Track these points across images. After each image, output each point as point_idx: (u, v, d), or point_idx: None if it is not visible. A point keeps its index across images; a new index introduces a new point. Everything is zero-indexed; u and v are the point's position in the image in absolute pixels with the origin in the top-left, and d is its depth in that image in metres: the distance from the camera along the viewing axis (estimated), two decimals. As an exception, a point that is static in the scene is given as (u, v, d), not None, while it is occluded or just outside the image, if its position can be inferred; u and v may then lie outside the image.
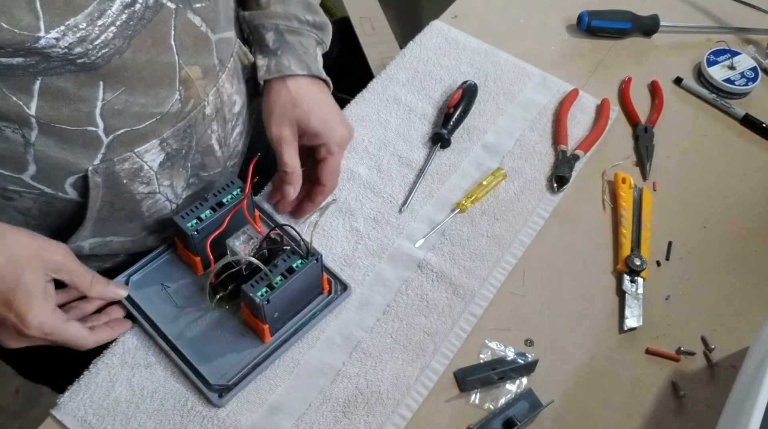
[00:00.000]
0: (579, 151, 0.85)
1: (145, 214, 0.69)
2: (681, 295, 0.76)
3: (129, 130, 0.60)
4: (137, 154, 0.62)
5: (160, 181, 0.67)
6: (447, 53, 0.95)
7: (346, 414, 0.66)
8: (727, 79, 0.94)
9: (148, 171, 0.64)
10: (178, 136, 0.65)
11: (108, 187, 0.62)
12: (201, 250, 0.68)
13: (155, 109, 0.61)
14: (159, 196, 0.68)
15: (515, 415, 0.66)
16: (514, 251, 0.77)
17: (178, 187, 0.69)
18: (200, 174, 0.71)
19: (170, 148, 0.65)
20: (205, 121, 0.67)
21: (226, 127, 0.71)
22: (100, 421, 0.64)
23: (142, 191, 0.66)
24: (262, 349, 0.67)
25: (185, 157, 0.67)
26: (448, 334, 0.71)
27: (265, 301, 0.62)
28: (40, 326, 0.58)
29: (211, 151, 0.70)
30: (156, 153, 0.64)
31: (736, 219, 0.83)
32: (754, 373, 0.63)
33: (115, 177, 0.62)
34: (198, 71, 0.63)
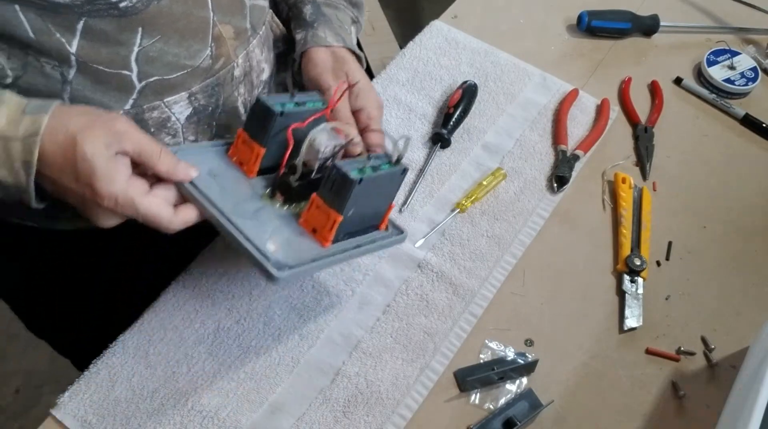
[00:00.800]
0: (579, 151, 0.85)
1: None
2: (681, 295, 0.76)
3: (160, 79, 0.62)
4: (166, 104, 0.64)
5: (186, 136, 0.68)
6: (447, 53, 0.95)
7: (346, 414, 0.66)
8: (727, 79, 0.94)
9: (174, 122, 0.66)
10: (206, 92, 0.67)
11: None
12: (273, 140, 0.62)
13: (187, 61, 0.63)
14: None
15: (515, 415, 0.66)
16: (514, 251, 0.77)
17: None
18: (225, 135, 0.73)
19: (198, 103, 0.67)
20: (233, 82, 0.69)
21: (253, 92, 0.74)
22: (101, 420, 0.64)
23: (168, 143, 0.67)
24: (321, 252, 0.59)
25: (211, 114, 0.69)
26: (448, 334, 0.71)
27: (358, 181, 0.56)
28: (113, 196, 0.54)
29: (237, 113, 0.72)
30: (184, 106, 0.66)
31: (736, 219, 0.83)
32: (754, 373, 0.63)
33: (144, 124, 0.64)
34: (230, 31, 0.66)
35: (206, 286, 0.72)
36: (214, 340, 0.69)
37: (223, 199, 0.59)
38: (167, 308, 0.71)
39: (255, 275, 0.73)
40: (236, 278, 0.73)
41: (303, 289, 0.73)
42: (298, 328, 0.70)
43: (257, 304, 0.72)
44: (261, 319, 0.71)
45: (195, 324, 0.70)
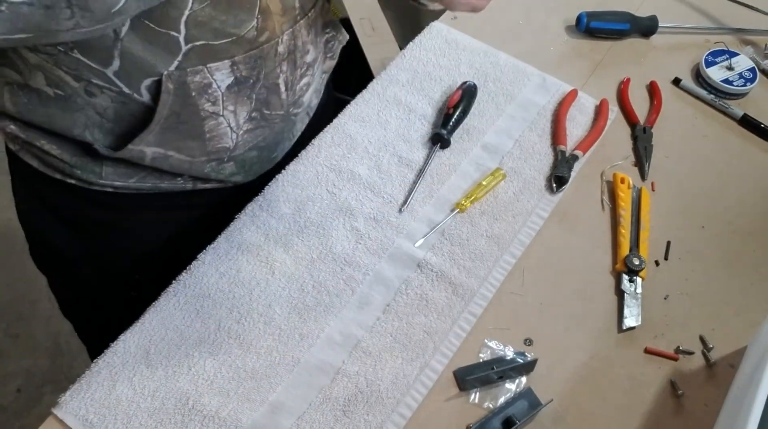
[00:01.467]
0: (578, 152, 0.86)
1: (206, 136, 0.71)
2: (679, 294, 0.77)
3: (206, 44, 0.63)
4: (209, 70, 0.65)
5: (225, 104, 0.69)
6: (447, 54, 0.95)
7: (346, 413, 0.66)
8: (726, 80, 0.94)
9: (215, 90, 0.67)
10: (248, 64, 0.68)
11: (178, 95, 0.65)
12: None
13: (233, 29, 0.64)
14: (222, 120, 0.71)
15: (514, 414, 0.66)
16: (513, 251, 0.78)
17: (241, 117, 0.72)
18: (263, 110, 0.74)
19: (239, 73, 0.68)
20: (276, 57, 0.70)
21: (295, 72, 0.75)
22: (102, 420, 0.64)
23: (207, 109, 0.69)
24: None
25: (252, 87, 0.70)
26: (447, 333, 0.71)
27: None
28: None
29: (277, 90, 0.73)
30: (226, 73, 0.67)
31: (734, 219, 0.83)
32: (752, 372, 0.63)
33: (186, 88, 0.65)
34: (278, 5, 0.67)
35: (207, 286, 0.73)
36: (214, 340, 0.69)
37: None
38: (168, 308, 0.71)
39: (256, 275, 0.74)
40: (237, 278, 0.74)
41: (303, 289, 0.73)
42: (298, 327, 0.71)
43: (258, 304, 0.72)
44: (261, 319, 0.71)
45: (196, 323, 0.70)
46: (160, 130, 0.68)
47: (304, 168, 0.82)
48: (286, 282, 0.74)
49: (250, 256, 0.75)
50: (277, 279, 0.74)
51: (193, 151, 0.73)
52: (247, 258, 0.75)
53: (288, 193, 0.80)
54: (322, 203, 0.80)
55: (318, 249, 0.76)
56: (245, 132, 0.74)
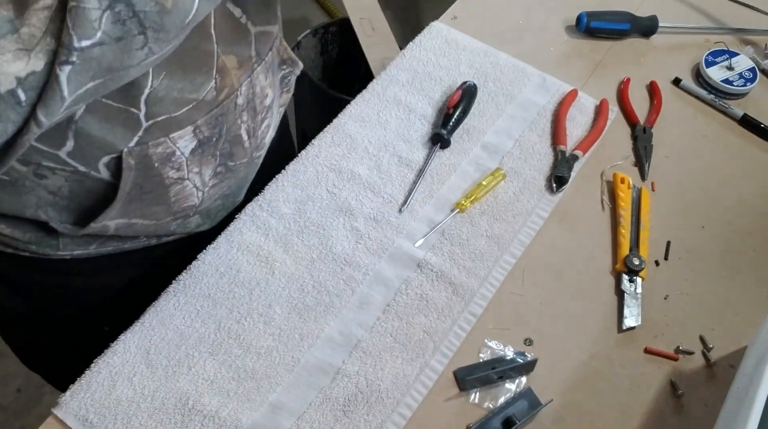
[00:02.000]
0: (578, 152, 0.86)
1: (172, 200, 0.69)
2: (680, 294, 0.77)
3: (167, 117, 0.61)
4: (171, 140, 0.63)
5: (190, 168, 0.67)
6: (447, 54, 0.95)
7: (346, 413, 0.66)
8: (726, 80, 0.94)
9: (179, 157, 0.65)
10: (210, 124, 0.65)
11: (140, 169, 0.62)
12: None
13: (191, 95, 0.62)
14: (187, 183, 0.68)
15: (514, 414, 0.66)
16: (513, 251, 0.78)
17: (206, 175, 0.70)
18: (227, 163, 0.72)
19: (202, 135, 0.65)
20: (236, 110, 0.68)
21: (256, 118, 0.72)
22: (102, 420, 0.64)
23: (172, 176, 0.66)
24: None
25: (215, 145, 0.68)
26: (447, 333, 0.71)
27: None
28: None
29: (240, 140, 0.71)
30: (189, 139, 0.64)
31: (734, 219, 0.83)
32: (752, 372, 0.63)
33: (148, 160, 0.62)
34: (234, 61, 0.64)
35: (207, 286, 0.73)
36: (214, 340, 0.69)
37: None
38: (168, 308, 0.71)
39: (256, 275, 0.74)
40: (237, 278, 0.74)
41: (303, 289, 0.73)
42: (298, 327, 0.71)
43: (257, 304, 0.72)
44: (261, 319, 0.71)
45: (196, 324, 0.70)
46: (122, 204, 0.65)
47: (304, 168, 0.82)
48: (286, 282, 0.74)
49: (250, 256, 0.75)
50: (277, 279, 0.74)
51: (158, 214, 0.70)
52: (247, 258, 0.75)
53: (288, 193, 0.80)
54: (322, 203, 0.80)
55: (318, 249, 0.76)
56: (211, 188, 0.72)
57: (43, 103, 0.45)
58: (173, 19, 0.47)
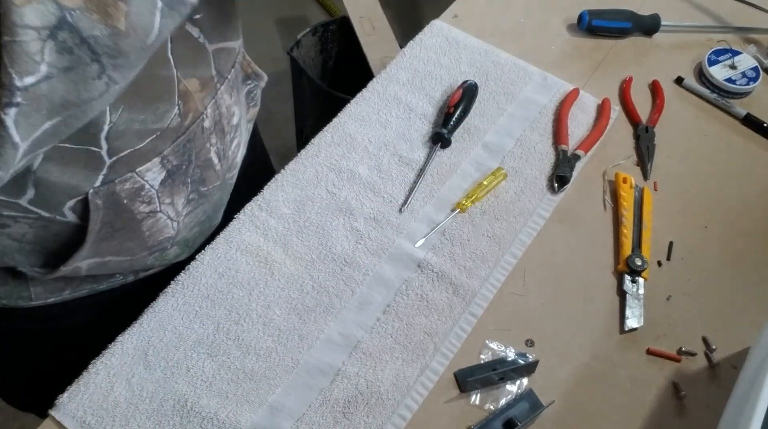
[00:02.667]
0: (580, 151, 0.85)
1: (146, 234, 0.66)
2: (682, 295, 0.76)
3: (131, 151, 0.57)
4: (138, 174, 0.59)
5: (162, 200, 0.64)
6: (447, 53, 0.95)
7: (345, 414, 0.65)
8: (729, 79, 0.94)
9: (149, 190, 0.61)
10: (177, 152, 0.62)
11: (108, 208, 0.59)
12: None
13: (155, 124, 0.58)
14: (160, 215, 0.65)
15: (516, 416, 0.66)
16: (514, 251, 0.77)
17: (179, 205, 0.67)
18: (200, 189, 0.69)
19: (171, 164, 0.62)
20: (204, 134, 0.64)
21: (224, 139, 0.69)
22: (99, 421, 0.64)
23: (143, 211, 0.63)
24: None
25: (185, 172, 0.64)
26: (448, 334, 0.71)
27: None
28: None
29: (210, 164, 0.68)
30: (157, 171, 0.61)
31: (737, 219, 0.83)
32: (755, 373, 0.62)
33: (116, 198, 0.59)
34: (196, 84, 0.61)
35: (205, 287, 0.72)
36: (213, 341, 0.69)
37: None
38: (166, 309, 0.71)
39: (255, 276, 0.73)
40: (236, 279, 0.73)
41: (303, 290, 0.73)
42: (297, 328, 0.70)
43: (256, 305, 0.71)
44: (260, 320, 0.71)
45: (194, 325, 0.70)
46: (93, 243, 0.61)
47: (303, 168, 0.82)
48: (286, 283, 0.73)
49: (249, 256, 0.75)
50: (276, 279, 0.73)
51: (133, 250, 0.67)
52: (246, 258, 0.74)
53: (288, 193, 0.80)
54: (321, 203, 0.79)
55: (318, 249, 0.76)
56: (185, 216, 0.69)
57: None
58: (131, 41, 0.42)
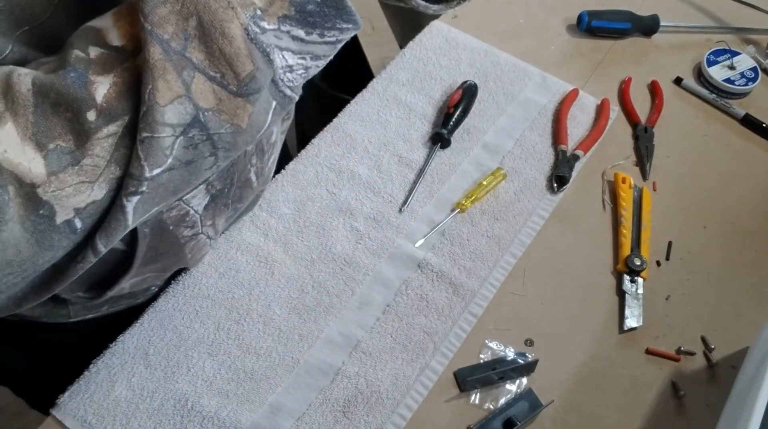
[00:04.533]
0: (579, 151, 0.85)
1: (188, 256, 0.68)
2: (681, 295, 0.76)
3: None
4: (185, 202, 0.61)
5: (204, 223, 0.65)
6: (447, 53, 0.95)
7: (345, 414, 0.66)
8: (727, 79, 0.94)
9: (193, 215, 0.63)
10: (221, 177, 0.64)
11: (155, 235, 0.61)
12: None
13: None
14: (201, 236, 0.67)
15: (515, 415, 0.66)
16: (514, 251, 0.77)
17: (219, 225, 0.69)
18: (237, 206, 0.70)
19: (214, 189, 0.63)
20: (246, 156, 0.66)
21: (263, 158, 0.70)
22: (100, 421, 0.64)
23: (187, 235, 0.64)
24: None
25: (227, 195, 0.66)
26: (448, 333, 0.71)
27: None
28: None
29: (249, 184, 0.69)
30: (201, 197, 0.62)
31: (736, 219, 0.83)
32: (754, 373, 0.63)
33: (163, 225, 0.60)
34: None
35: (206, 287, 0.72)
36: (213, 341, 0.69)
37: None
38: (167, 308, 0.71)
39: (255, 275, 0.73)
40: (236, 279, 0.73)
41: (303, 289, 0.73)
42: (297, 328, 0.70)
43: (257, 305, 0.72)
44: (261, 320, 0.71)
45: (195, 324, 0.70)
46: (138, 268, 0.63)
47: (303, 168, 0.82)
48: (286, 282, 0.73)
49: (250, 256, 0.75)
50: (276, 279, 0.73)
51: (172, 268, 0.69)
52: (246, 258, 0.75)
53: (288, 193, 0.80)
54: (321, 203, 0.79)
55: (318, 249, 0.76)
56: (222, 233, 0.71)
57: (104, 233, 0.43)
58: (246, 137, 0.46)
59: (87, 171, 0.41)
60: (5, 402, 1.58)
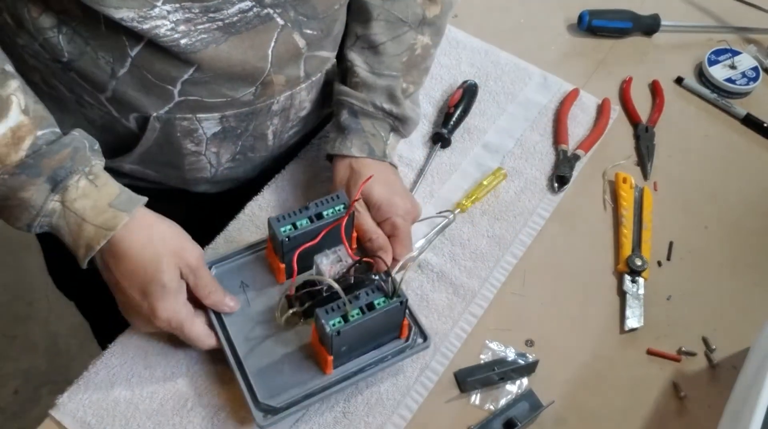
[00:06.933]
0: (580, 151, 0.85)
1: (186, 168, 0.72)
2: (682, 295, 0.76)
3: (199, 100, 0.65)
4: (197, 119, 0.66)
5: (209, 147, 0.70)
6: (447, 53, 0.95)
7: (345, 414, 0.65)
8: (729, 79, 0.94)
9: (201, 134, 0.68)
10: (238, 118, 0.68)
11: (163, 133, 0.67)
12: (288, 259, 0.65)
13: (229, 92, 0.65)
14: (202, 158, 0.72)
15: (516, 416, 0.66)
16: (514, 251, 0.77)
17: (223, 158, 0.73)
18: (247, 154, 0.74)
19: (228, 123, 0.68)
20: (268, 113, 0.71)
21: (286, 125, 0.75)
22: (100, 421, 0.64)
23: (190, 148, 0.70)
24: (320, 381, 0.62)
25: (239, 136, 0.71)
26: (448, 334, 0.71)
27: (336, 333, 0.58)
28: (168, 320, 0.60)
29: (264, 138, 0.74)
30: (214, 123, 0.68)
31: (737, 219, 0.83)
32: (755, 373, 0.62)
33: (172, 129, 0.67)
34: (282, 79, 0.68)
35: (206, 287, 0.72)
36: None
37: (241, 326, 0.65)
38: (166, 308, 0.70)
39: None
40: (236, 278, 0.73)
41: (303, 290, 0.73)
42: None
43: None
44: (261, 320, 0.70)
45: (194, 324, 0.70)
46: (140, 155, 0.69)
47: (303, 168, 0.82)
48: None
49: (250, 256, 0.74)
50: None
51: (170, 176, 0.74)
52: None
53: (288, 193, 0.80)
54: (321, 203, 0.79)
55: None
56: (226, 168, 0.75)
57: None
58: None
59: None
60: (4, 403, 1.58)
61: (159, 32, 0.57)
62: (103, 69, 0.61)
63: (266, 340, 0.65)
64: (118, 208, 0.59)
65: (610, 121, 0.89)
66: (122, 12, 0.55)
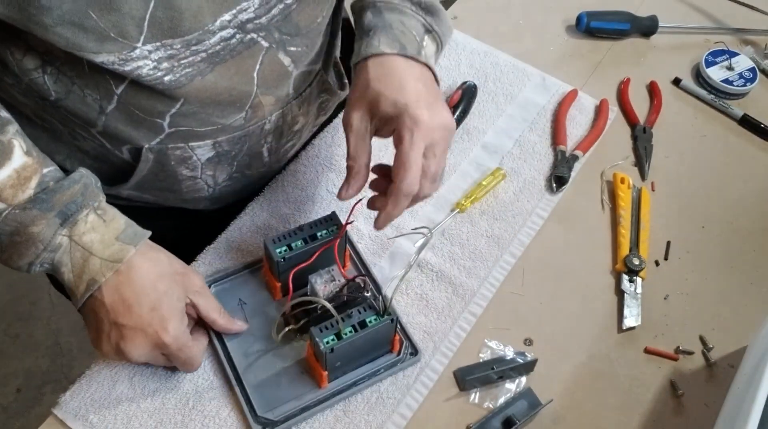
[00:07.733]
0: (578, 152, 0.86)
1: (183, 191, 0.73)
2: (680, 294, 0.77)
3: (189, 130, 0.65)
4: (190, 147, 0.66)
5: (204, 171, 0.70)
6: (446, 54, 0.95)
7: (346, 413, 0.66)
8: (726, 80, 0.94)
9: (195, 161, 0.68)
10: (231, 141, 0.68)
11: (157, 163, 0.67)
12: (284, 279, 0.67)
13: (219, 119, 0.65)
14: (199, 181, 0.72)
15: (514, 414, 0.66)
16: (513, 251, 0.78)
17: (219, 178, 0.73)
18: (244, 172, 0.74)
19: (221, 148, 0.68)
20: (261, 133, 0.70)
21: (281, 141, 0.74)
22: (102, 420, 0.64)
23: (186, 174, 0.70)
24: (316, 395, 0.65)
25: (234, 157, 0.71)
26: (447, 333, 0.71)
27: (329, 350, 0.60)
28: (176, 338, 0.61)
29: (260, 156, 0.73)
30: (207, 149, 0.67)
31: (734, 219, 0.83)
32: (752, 372, 0.63)
33: (166, 158, 0.66)
34: (271, 100, 0.67)
35: (207, 286, 0.73)
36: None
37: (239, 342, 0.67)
38: (168, 308, 0.71)
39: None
40: (237, 278, 0.73)
41: (303, 289, 0.73)
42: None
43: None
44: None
45: (196, 323, 0.70)
46: (136, 183, 0.69)
47: (304, 168, 0.82)
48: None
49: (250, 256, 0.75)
50: (277, 279, 0.74)
51: (169, 199, 0.75)
52: (246, 258, 0.75)
53: (288, 193, 0.80)
54: (322, 203, 0.80)
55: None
56: (224, 187, 0.75)
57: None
58: None
59: None
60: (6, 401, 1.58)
61: (141, 73, 0.56)
62: (91, 106, 0.60)
63: (264, 355, 0.67)
64: (124, 242, 0.60)
65: (608, 122, 0.90)
66: (102, 56, 0.54)
